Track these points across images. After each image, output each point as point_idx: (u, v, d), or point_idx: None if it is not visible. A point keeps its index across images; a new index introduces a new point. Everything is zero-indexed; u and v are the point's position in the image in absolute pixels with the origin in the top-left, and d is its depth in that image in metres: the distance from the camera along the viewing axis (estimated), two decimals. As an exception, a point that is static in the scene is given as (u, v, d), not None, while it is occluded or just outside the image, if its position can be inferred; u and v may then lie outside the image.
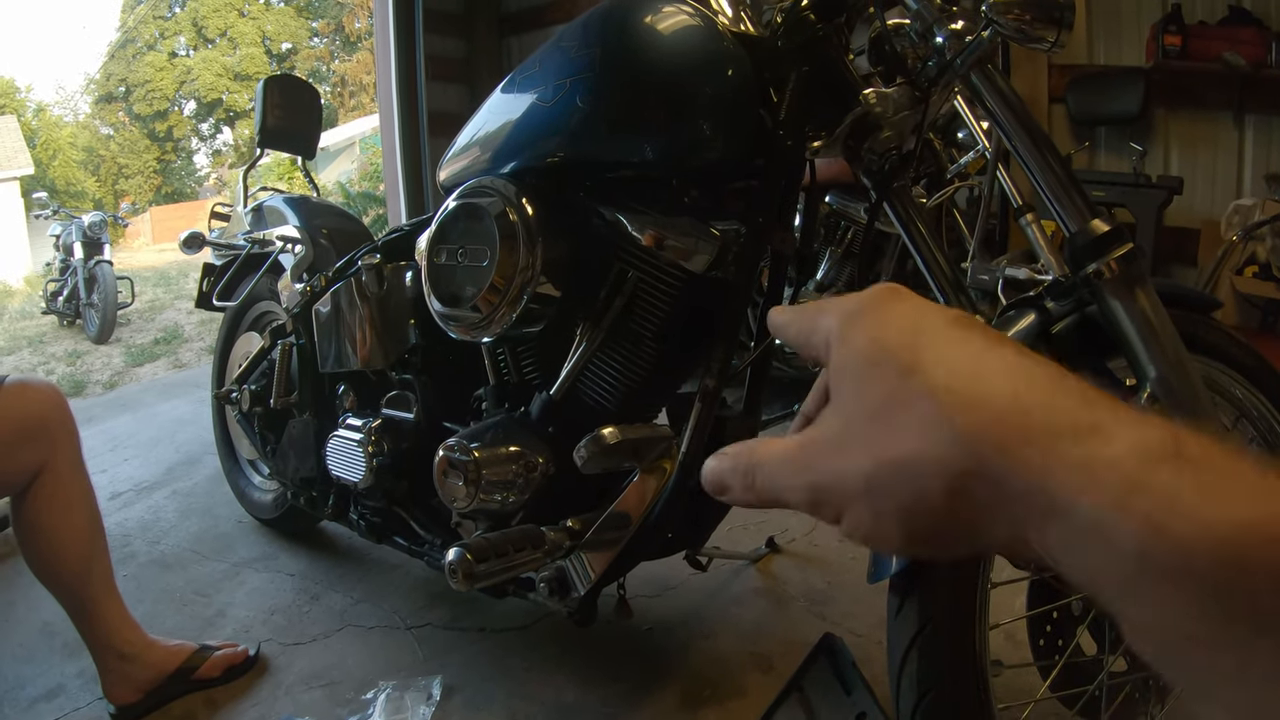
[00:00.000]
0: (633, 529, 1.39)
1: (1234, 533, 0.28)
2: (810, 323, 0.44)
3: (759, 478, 0.42)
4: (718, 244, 1.37)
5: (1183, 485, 0.30)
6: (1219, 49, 3.84)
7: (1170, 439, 0.31)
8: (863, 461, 0.37)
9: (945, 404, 0.35)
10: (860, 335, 0.40)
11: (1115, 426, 0.32)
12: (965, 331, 0.38)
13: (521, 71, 1.54)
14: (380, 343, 1.89)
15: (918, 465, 0.35)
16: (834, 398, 0.41)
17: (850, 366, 0.40)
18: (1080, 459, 0.32)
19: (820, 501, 0.40)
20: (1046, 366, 0.36)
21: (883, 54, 1.42)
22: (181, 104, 33.78)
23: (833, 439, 0.40)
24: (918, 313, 0.40)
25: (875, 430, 0.38)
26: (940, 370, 0.36)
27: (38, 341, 8.60)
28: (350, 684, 1.89)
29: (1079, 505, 0.31)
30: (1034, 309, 1.29)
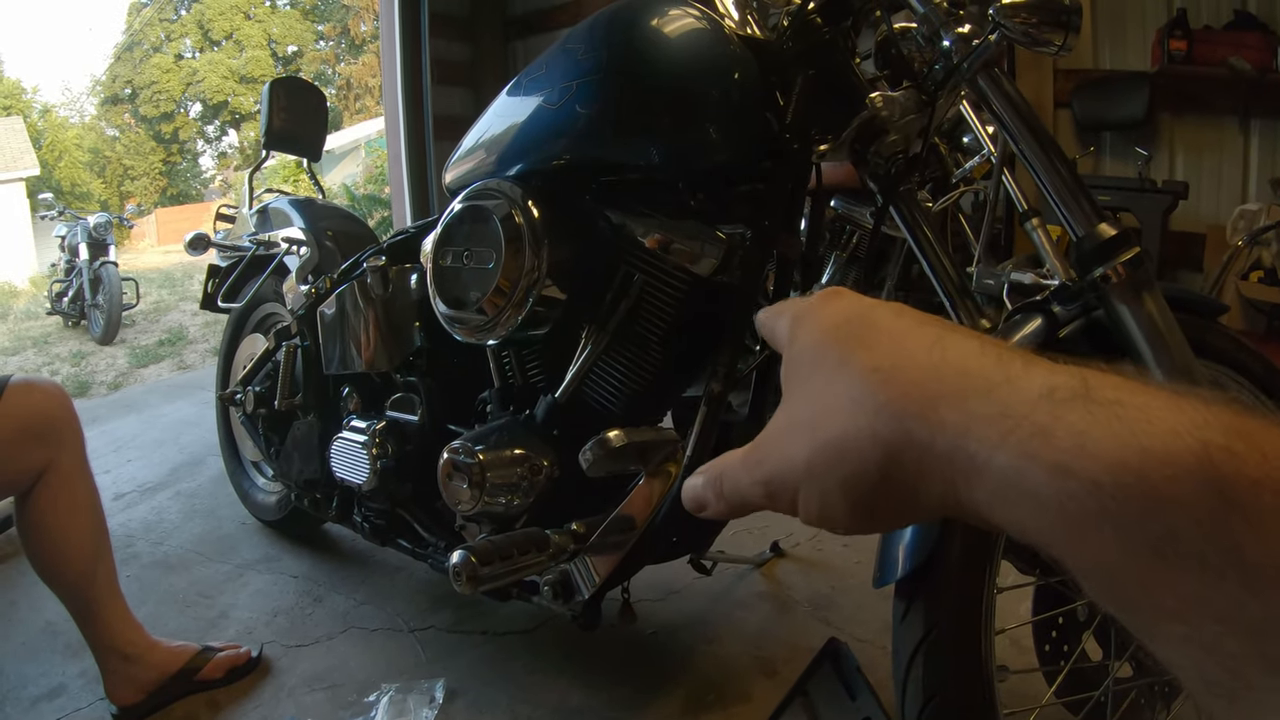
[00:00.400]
0: (637, 533, 1.38)
1: (1140, 468, 0.28)
2: (773, 320, 0.49)
3: (725, 484, 0.45)
4: (724, 248, 1.37)
5: (1092, 425, 0.30)
6: (1224, 54, 3.83)
7: (1079, 382, 0.32)
8: (804, 446, 0.40)
9: (870, 383, 0.38)
10: (804, 335, 0.44)
11: (1025, 378, 0.34)
12: (897, 319, 0.41)
13: (528, 74, 1.54)
14: (385, 345, 1.89)
15: (849, 442, 0.38)
16: (784, 395, 0.44)
17: (795, 364, 0.44)
18: (991, 414, 0.33)
19: (774, 493, 0.42)
20: (970, 336, 0.39)
21: (889, 57, 1.42)
22: (187, 106, 33.88)
23: (780, 431, 0.43)
24: (856, 309, 0.43)
25: (813, 415, 0.40)
26: (867, 355, 0.39)
27: (42, 342, 8.60)
28: (353, 686, 1.88)
29: (995, 460, 0.32)
30: (1040, 313, 1.28)
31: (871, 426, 0.37)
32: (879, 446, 0.37)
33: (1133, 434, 0.29)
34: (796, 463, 0.40)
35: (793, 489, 0.41)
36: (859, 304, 0.44)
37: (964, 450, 0.34)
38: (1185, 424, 0.29)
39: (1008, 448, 0.32)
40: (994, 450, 0.32)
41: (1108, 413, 0.30)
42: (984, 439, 0.33)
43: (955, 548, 1.17)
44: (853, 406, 0.38)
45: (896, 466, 0.36)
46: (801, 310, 0.46)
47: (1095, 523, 0.29)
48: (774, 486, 0.42)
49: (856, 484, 0.38)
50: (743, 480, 0.44)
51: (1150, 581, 0.29)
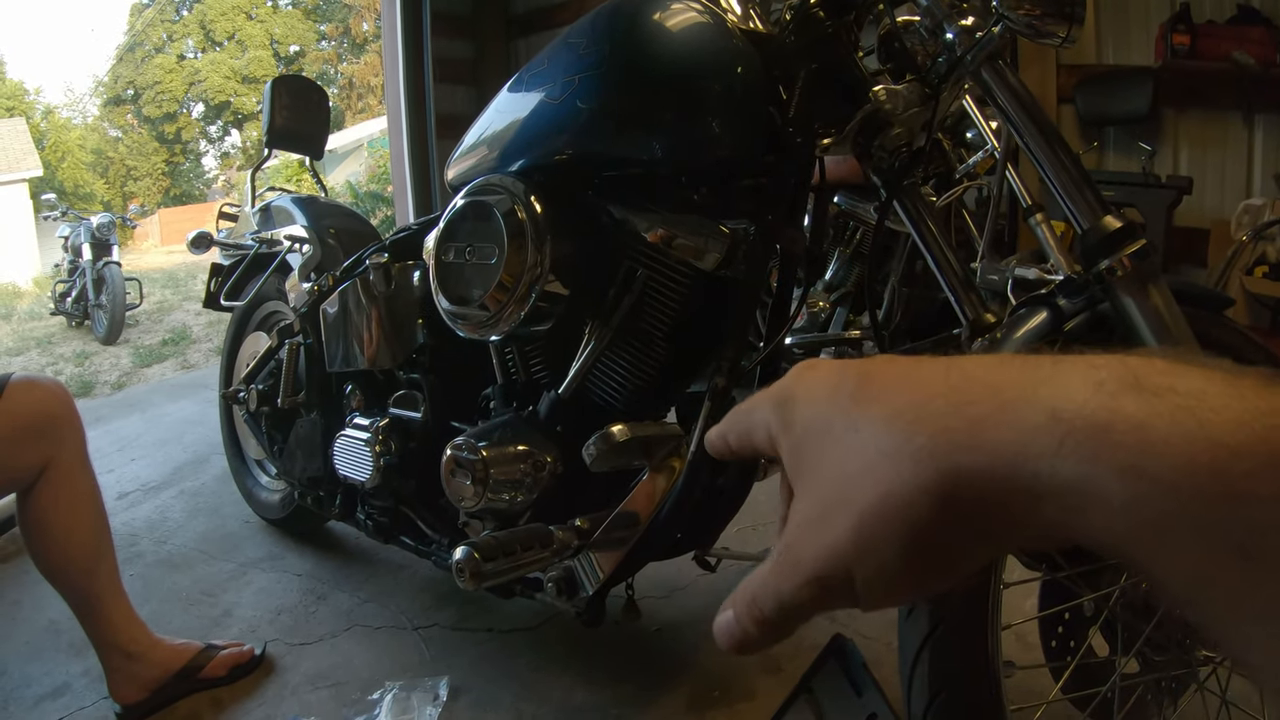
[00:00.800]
0: (641, 528, 1.38)
1: (1218, 465, 0.27)
2: (744, 423, 0.44)
3: (764, 606, 0.40)
4: (727, 242, 1.36)
5: (1151, 416, 0.29)
6: (1228, 48, 3.82)
7: (1124, 369, 0.30)
8: (845, 525, 0.36)
9: (896, 431, 0.35)
10: (799, 415, 0.40)
11: (1063, 375, 0.32)
12: (889, 365, 0.38)
13: (530, 69, 1.53)
14: (388, 342, 1.89)
15: (895, 499, 0.34)
16: (797, 487, 0.40)
17: (800, 450, 0.40)
18: (1041, 421, 0.31)
19: (827, 588, 0.37)
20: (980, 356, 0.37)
21: (892, 51, 1.42)
22: (190, 106, 33.97)
23: (809, 522, 0.38)
24: (841, 372, 0.40)
25: (843, 491, 0.36)
26: (878, 407, 0.36)
27: (46, 342, 8.63)
28: (356, 684, 1.88)
29: (1059, 471, 0.30)
30: (1046, 307, 1.27)
31: (915, 476, 0.34)
32: (929, 496, 0.33)
33: (1199, 425, 0.28)
34: (842, 546, 0.36)
35: (845, 576, 0.36)
36: (843, 369, 0.40)
37: (1024, 469, 0.31)
38: (1249, 412, 0.27)
39: (1066, 455, 0.30)
40: (1054, 461, 0.30)
41: (1164, 402, 0.29)
42: (1041, 452, 0.30)
43: (961, 543, 1.16)
44: (886, 463, 0.35)
45: (954, 511, 0.33)
46: (782, 394, 0.42)
47: (1173, 524, 0.28)
48: (825, 581, 0.37)
49: (915, 542, 0.34)
50: (785, 591, 0.39)
51: (1235, 582, 0.27)
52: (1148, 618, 1.27)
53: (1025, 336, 1.24)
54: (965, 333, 1.38)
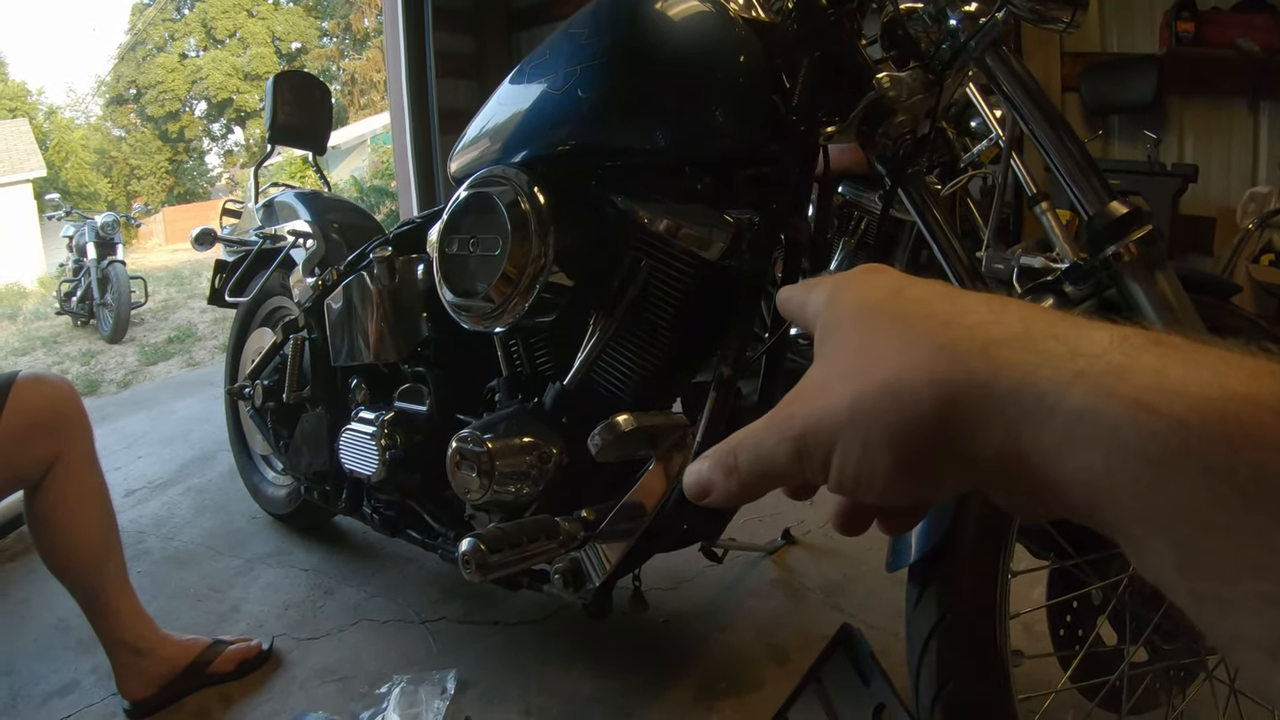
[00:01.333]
0: (648, 519, 1.38)
1: (1229, 409, 0.27)
2: (804, 295, 0.46)
3: (741, 455, 0.41)
4: (731, 232, 1.36)
5: (1168, 364, 0.29)
6: (1232, 35, 3.80)
7: (1150, 335, 0.31)
8: (846, 392, 0.37)
9: (925, 325, 0.36)
10: (846, 296, 0.42)
11: (1091, 327, 0.32)
12: (944, 287, 0.39)
13: (531, 60, 1.53)
14: (392, 335, 1.89)
15: (903, 383, 0.35)
16: (818, 356, 0.41)
17: (834, 324, 0.41)
18: (1061, 353, 0.32)
19: (807, 449, 0.38)
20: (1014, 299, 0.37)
21: (895, 38, 1.41)
22: (192, 104, 34.00)
23: (813, 386, 0.40)
24: (900, 277, 0.42)
25: (859, 364, 0.38)
26: (919, 306, 0.38)
27: (52, 342, 8.65)
28: (364, 678, 1.88)
29: (1068, 398, 0.30)
30: (1052, 293, 1.27)
31: (929, 366, 0.34)
32: (935, 387, 0.34)
33: (1214, 373, 0.28)
34: (838, 409, 0.37)
35: (829, 442, 0.37)
36: (904, 277, 0.42)
37: (1032, 389, 0.32)
38: (1265, 368, 0.28)
39: (1081, 385, 0.30)
40: (1067, 388, 0.31)
41: (1183, 355, 0.29)
42: (1055, 378, 0.31)
43: (969, 532, 1.16)
44: (907, 349, 0.36)
45: (953, 410, 0.34)
46: (843, 278, 0.43)
47: (1179, 464, 0.28)
48: (807, 442, 0.38)
49: (907, 432, 0.35)
50: (767, 442, 0.40)
51: (1235, 529, 0.27)
52: (1156, 606, 1.27)
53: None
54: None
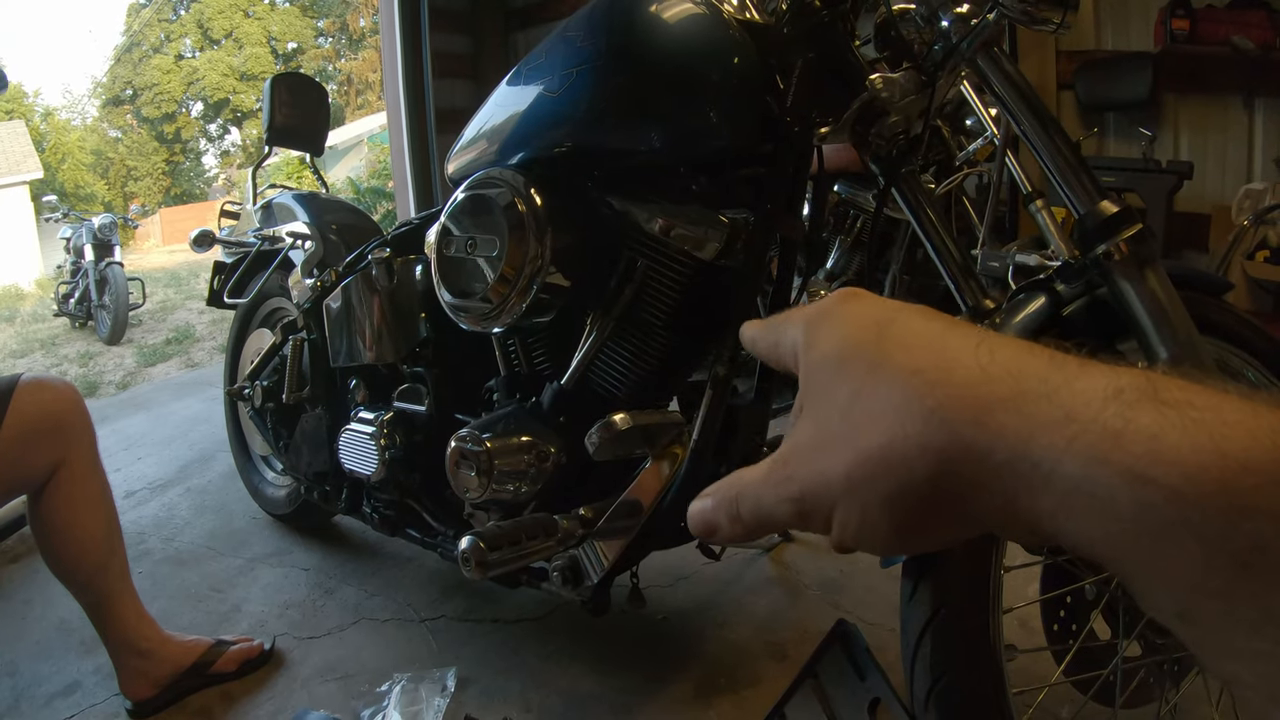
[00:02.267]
0: (645, 516, 1.39)
1: (1226, 476, 0.27)
2: (776, 334, 0.45)
3: (743, 506, 0.42)
4: (727, 232, 1.37)
5: (1165, 428, 0.29)
6: (1227, 32, 3.81)
7: (1144, 381, 0.31)
8: (841, 459, 0.37)
9: (913, 387, 0.35)
10: (825, 338, 0.41)
11: (1085, 379, 0.32)
12: (926, 320, 0.39)
13: (528, 63, 1.54)
14: (391, 336, 1.90)
15: (896, 452, 0.35)
16: (806, 406, 0.41)
17: (818, 371, 0.40)
18: (1055, 418, 0.31)
19: (807, 511, 0.39)
20: (1011, 339, 0.36)
21: (889, 39, 1.42)
22: (189, 105, 33.96)
23: (808, 444, 0.39)
24: (879, 309, 0.40)
25: (850, 426, 0.37)
26: (905, 357, 0.36)
27: (50, 344, 8.64)
28: (365, 676, 1.89)
29: (1062, 467, 0.30)
30: (1044, 292, 1.28)
31: (921, 434, 0.34)
32: (929, 456, 0.34)
33: (1210, 437, 0.28)
34: (833, 477, 0.37)
35: (828, 507, 0.38)
36: (882, 305, 0.41)
37: (1027, 458, 0.31)
38: (1262, 428, 0.28)
39: (1075, 453, 0.30)
40: (1061, 456, 0.30)
41: (1179, 414, 0.29)
42: (1049, 445, 0.31)
43: (962, 528, 1.17)
44: (896, 413, 0.35)
45: (949, 478, 0.34)
46: (816, 314, 0.42)
47: (1175, 534, 0.28)
48: (807, 504, 0.38)
49: (903, 498, 0.35)
50: (767, 499, 0.40)
51: (1231, 594, 0.27)
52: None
53: (1023, 322, 1.25)
54: (965, 319, 1.39)
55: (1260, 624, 0.27)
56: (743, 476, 0.42)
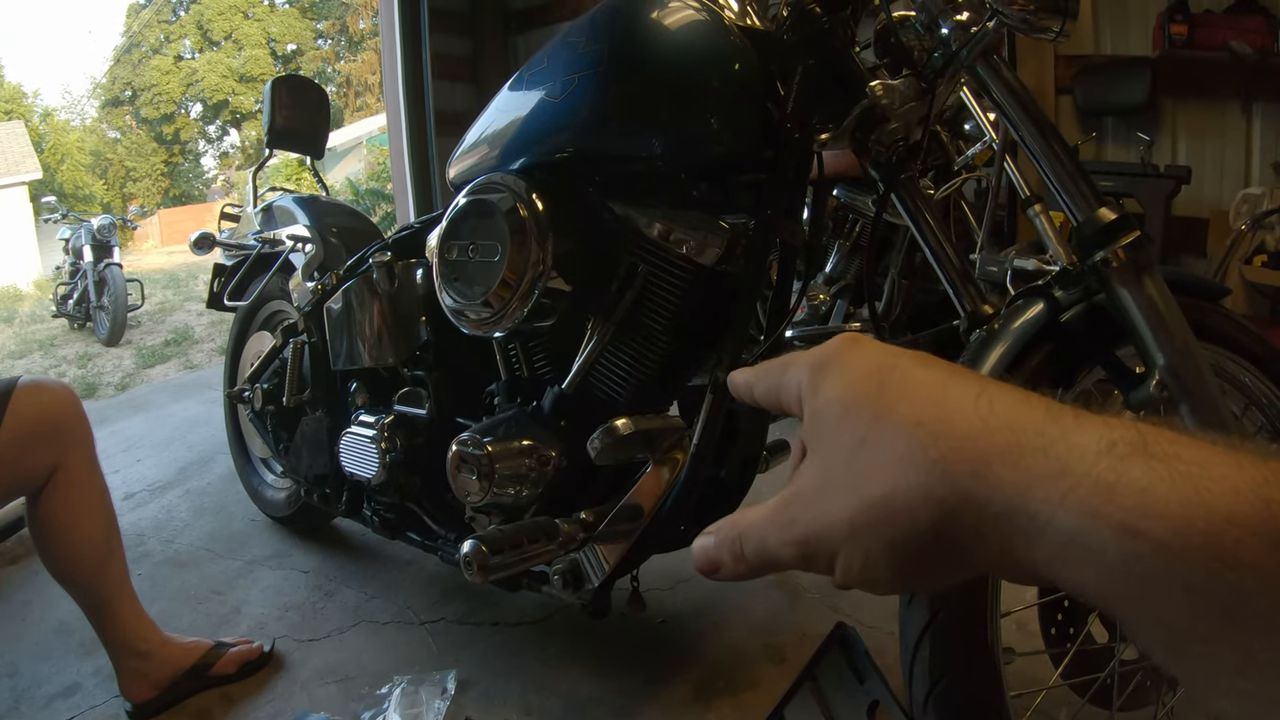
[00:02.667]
0: (646, 520, 1.39)
1: (1211, 530, 0.28)
2: (777, 379, 0.46)
3: (746, 546, 0.43)
4: (727, 237, 1.38)
5: (1154, 482, 0.30)
6: (1225, 38, 3.82)
7: (1135, 435, 0.32)
8: (845, 505, 0.38)
9: (916, 438, 0.36)
10: (829, 387, 0.42)
11: (1080, 432, 0.33)
12: (927, 369, 0.40)
13: (529, 68, 1.55)
14: (392, 339, 1.90)
15: (899, 501, 0.36)
16: (810, 451, 0.42)
17: (822, 418, 0.41)
18: (1051, 471, 0.32)
19: (810, 554, 0.40)
20: (1009, 389, 0.37)
21: (888, 46, 1.43)
22: (188, 107, 33.95)
23: (812, 490, 0.41)
24: (882, 357, 0.41)
25: (853, 474, 0.38)
26: (907, 408, 0.38)
27: (48, 345, 8.64)
28: (365, 679, 1.90)
29: (1057, 519, 0.32)
30: (1042, 298, 1.29)
31: (924, 485, 0.35)
32: (931, 506, 0.35)
33: (1196, 491, 0.29)
34: (837, 523, 0.38)
35: (831, 551, 0.39)
36: (885, 353, 0.42)
37: (1024, 510, 0.33)
38: (1246, 481, 0.29)
39: (1070, 507, 0.31)
40: (1056, 509, 0.32)
41: (1168, 469, 0.30)
42: (1045, 498, 0.32)
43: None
44: (899, 463, 0.36)
45: (950, 526, 0.35)
46: (820, 360, 0.43)
47: (1163, 584, 0.29)
48: (810, 548, 0.40)
49: (906, 545, 0.36)
50: (771, 541, 0.41)
51: (1216, 639, 0.29)
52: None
53: (1022, 327, 1.25)
54: (964, 324, 1.40)
55: (1244, 666, 0.28)
56: (746, 517, 0.43)
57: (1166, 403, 1.17)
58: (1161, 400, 1.17)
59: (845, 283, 2.97)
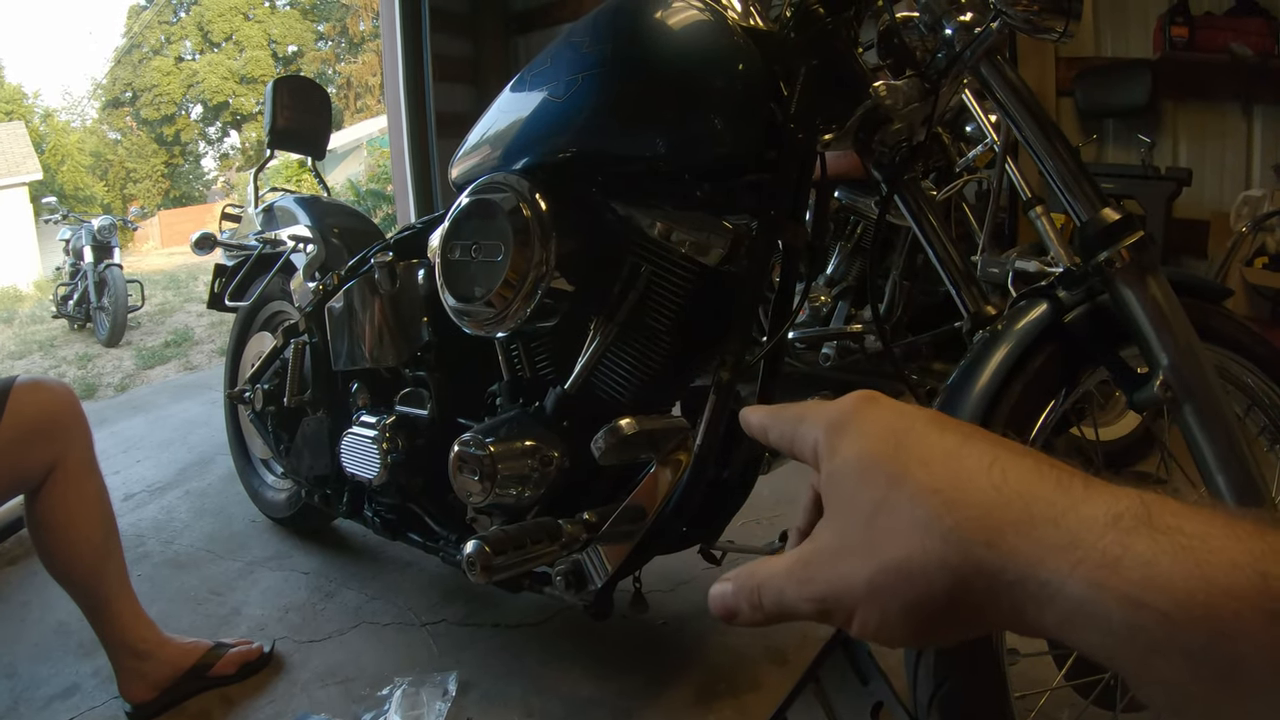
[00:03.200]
0: (649, 521, 1.39)
1: (1211, 602, 0.30)
2: (792, 429, 0.48)
3: (765, 597, 0.44)
4: (730, 238, 1.38)
5: (1158, 554, 0.32)
6: (1226, 40, 3.82)
7: (1140, 507, 0.34)
8: (863, 567, 0.40)
9: (933, 506, 0.38)
10: (847, 447, 0.43)
11: (1089, 503, 0.35)
12: (942, 433, 0.41)
13: (532, 68, 1.55)
14: (394, 340, 1.90)
15: (915, 566, 0.38)
16: (828, 510, 0.44)
17: (840, 479, 0.43)
18: (1062, 543, 0.34)
19: (828, 610, 0.42)
20: (1020, 453, 0.39)
21: (891, 47, 1.43)
22: (188, 108, 33.94)
23: (831, 549, 0.42)
24: (897, 418, 0.43)
25: (871, 537, 0.40)
26: (924, 474, 0.39)
27: (48, 345, 8.63)
28: (366, 680, 1.90)
29: (1067, 588, 0.34)
30: (1046, 299, 1.29)
31: (940, 552, 0.37)
32: (947, 572, 0.37)
33: (1197, 564, 0.31)
34: (855, 584, 0.40)
35: (849, 609, 0.41)
36: (900, 414, 0.44)
37: (1035, 579, 0.35)
38: (1245, 555, 0.31)
39: (1079, 577, 0.33)
40: (1066, 579, 0.34)
41: (1171, 542, 0.32)
42: (1056, 569, 0.34)
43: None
44: (916, 530, 0.38)
45: (963, 591, 0.37)
46: (837, 419, 0.45)
47: (1165, 650, 0.31)
48: (829, 605, 0.42)
49: (921, 607, 0.38)
50: (789, 596, 0.43)
51: (1216, 703, 0.31)
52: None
53: (1026, 328, 1.25)
54: (967, 325, 1.40)
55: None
56: (765, 567, 0.45)
57: (1170, 403, 1.17)
58: (1165, 401, 1.17)
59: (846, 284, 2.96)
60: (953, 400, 1.22)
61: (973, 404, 1.20)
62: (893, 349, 1.59)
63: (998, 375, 1.21)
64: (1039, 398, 1.23)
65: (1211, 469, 1.17)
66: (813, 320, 2.92)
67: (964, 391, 1.21)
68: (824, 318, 2.93)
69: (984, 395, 1.20)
